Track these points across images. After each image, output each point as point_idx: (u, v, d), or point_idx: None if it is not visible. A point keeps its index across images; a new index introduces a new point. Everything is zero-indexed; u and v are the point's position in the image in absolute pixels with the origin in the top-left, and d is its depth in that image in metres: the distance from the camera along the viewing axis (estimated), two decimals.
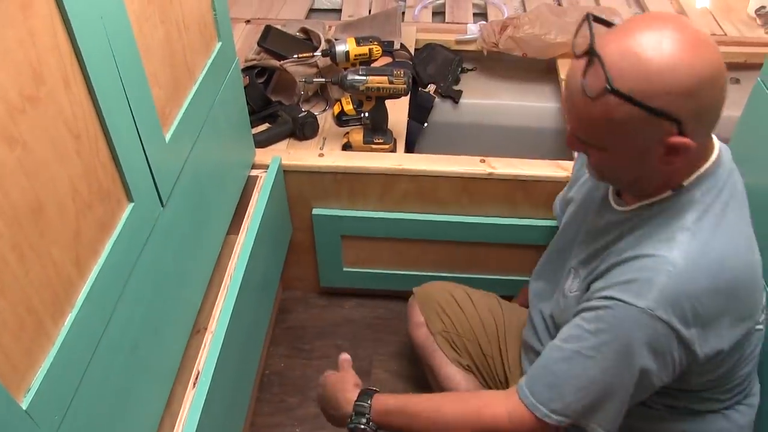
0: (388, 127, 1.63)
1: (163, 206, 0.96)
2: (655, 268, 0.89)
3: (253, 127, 1.62)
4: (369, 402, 1.09)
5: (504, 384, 1.35)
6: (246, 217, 1.40)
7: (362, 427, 1.07)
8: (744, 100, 1.36)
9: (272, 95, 1.80)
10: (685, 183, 0.94)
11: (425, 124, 1.99)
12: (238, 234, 1.38)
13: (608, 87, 0.82)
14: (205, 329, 1.30)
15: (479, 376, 1.39)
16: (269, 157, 1.55)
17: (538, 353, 1.10)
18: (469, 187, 1.56)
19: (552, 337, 1.08)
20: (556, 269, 1.17)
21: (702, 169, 0.94)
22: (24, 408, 0.63)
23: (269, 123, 1.71)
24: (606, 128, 0.88)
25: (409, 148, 1.94)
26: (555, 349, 0.97)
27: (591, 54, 0.85)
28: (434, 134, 2.03)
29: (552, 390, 0.95)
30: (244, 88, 1.63)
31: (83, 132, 0.73)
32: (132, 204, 0.86)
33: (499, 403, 1.00)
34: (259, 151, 1.57)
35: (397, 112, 1.73)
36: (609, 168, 0.97)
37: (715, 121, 0.89)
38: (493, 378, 1.38)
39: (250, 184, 1.49)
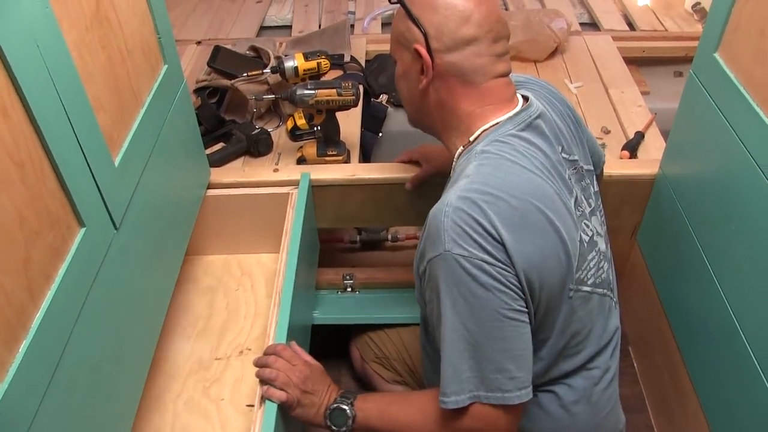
0: (341, 138, 1.65)
1: (116, 229, 0.97)
2: (437, 214, 0.96)
3: (207, 146, 1.64)
4: (353, 399, 1.10)
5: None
6: (284, 233, 1.41)
7: (343, 430, 1.08)
8: None
9: (225, 114, 1.82)
10: (471, 138, 1.06)
11: (380, 134, 2.02)
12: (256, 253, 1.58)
13: None
14: (249, 350, 1.40)
15: (413, 386, 1.63)
16: (226, 175, 1.57)
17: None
18: (425, 193, 1.59)
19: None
20: None
21: (486, 125, 1.05)
22: None
23: (224, 142, 1.72)
24: (394, 32, 1.12)
25: (366, 159, 1.97)
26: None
27: None
28: (389, 143, 2.06)
29: (447, 376, 0.98)
30: (197, 108, 1.65)
31: (27, 160, 0.74)
32: (84, 229, 0.87)
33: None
34: (214, 170, 1.58)
35: (350, 123, 1.76)
36: (399, 88, 1.18)
37: (467, 64, 1.04)
38: (422, 386, 1.54)
39: (281, 201, 1.51)
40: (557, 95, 1.20)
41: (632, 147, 1.65)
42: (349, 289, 1.74)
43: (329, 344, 1.83)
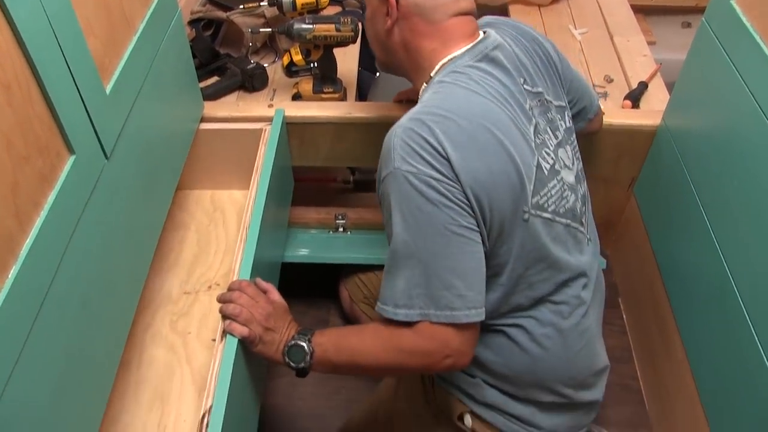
0: (338, 76, 1.62)
1: (107, 159, 0.95)
2: (389, 137, 1.01)
3: (201, 80, 1.61)
4: (310, 335, 1.09)
5: None
6: (255, 170, 1.39)
7: (302, 366, 1.07)
8: None
9: (220, 48, 1.78)
10: (432, 73, 1.10)
11: (377, 74, 1.98)
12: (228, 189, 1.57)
13: None
14: (218, 285, 1.39)
15: None
16: (220, 109, 1.54)
17: None
18: None
19: None
20: None
21: (445, 59, 1.09)
22: None
23: (218, 76, 1.69)
24: None
25: (362, 98, 1.94)
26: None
27: None
28: (386, 83, 2.02)
29: (399, 290, 0.99)
30: (191, 40, 1.61)
31: (13, 82, 0.71)
32: (73, 156, 0.84)
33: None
34: (208, 103, 1.55)
35: (347, 61, 1.73)
36: (367, 32, 1.22)
37: (429, 3, 1.08)
38: None
39: (254, 137, 1.48)
40: (527, 33, 1.21)
41: (635, 97, 1.62)
42: (341, 229, 1.73)
43: (319, 283, 1.84)
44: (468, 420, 1.18)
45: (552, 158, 1.10)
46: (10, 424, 0.69)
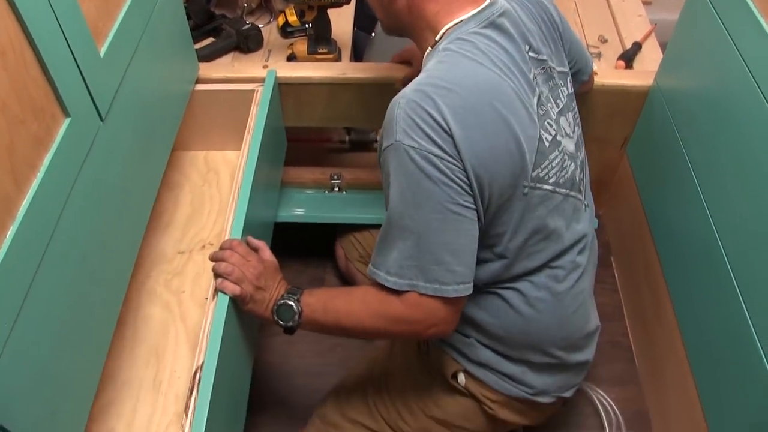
0: (333, 36, 1.62)
1: (102, 121, 0.96)
2: (393, 107, 0.99)
3: (196, 41, 1.61)
4: (299, 294, 1.12)
5: None
6: (247, 130, 1.40)
7: (290, 324, 1.10)
8: None
9: (215, 9, 1.77)
10: (437, 38, 1.08)
11: (372, 34, 1.97)
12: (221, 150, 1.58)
13: None
14: (211, 245, 1.40)
15: None
16: (215, 71, 1.54)
17: None
18: None
19: None
20: None
21: (450, 24, 1.07)
22: None
23: (213, 37, 1.68)
24: None
25: (358, 59, 1.93)
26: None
27: None
28: (382, 44, 2.01)
29: (391, 259, 1.02)
30: (186, 2, 1.60)
31: (7, 46, 0.72)
32: (69, 119, 0.86)
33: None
34: (203, 65, 1.55)
35: (342, 21, 1.73)
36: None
37: None
38: None
39: (247, 98, 1.49)
40: None
41: (628, 57, 1.63)
42: (336, 189, 1.74)
43: (315, 243, 1.86)
44: (461, 378, 1.22)
45: (554, 129, 1.10)
46: (12, 378, 0.72)
